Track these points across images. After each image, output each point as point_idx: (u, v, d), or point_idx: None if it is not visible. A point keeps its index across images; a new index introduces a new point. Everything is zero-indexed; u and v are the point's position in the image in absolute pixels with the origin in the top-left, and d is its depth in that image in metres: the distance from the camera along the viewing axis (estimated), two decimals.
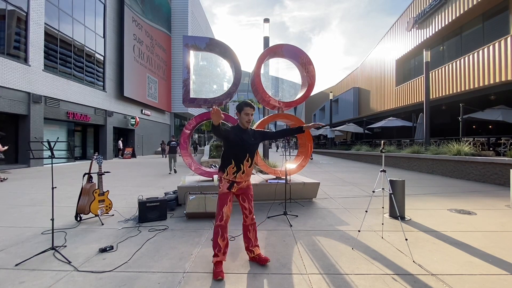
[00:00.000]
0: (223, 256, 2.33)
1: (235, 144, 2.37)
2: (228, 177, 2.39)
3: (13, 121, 11.69)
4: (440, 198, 5.25)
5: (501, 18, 11.23)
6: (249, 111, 2.39)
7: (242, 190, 2.50)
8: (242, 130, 2.43)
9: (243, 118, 2.40)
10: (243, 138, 2.39)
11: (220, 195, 2.42)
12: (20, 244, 2.93)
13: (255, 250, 2.49)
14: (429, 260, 2.50)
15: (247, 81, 19.51)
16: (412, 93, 15.94)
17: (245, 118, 2.39)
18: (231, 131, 2.39)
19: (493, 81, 10.45)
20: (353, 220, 3.81)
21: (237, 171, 2.38)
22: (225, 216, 2.37)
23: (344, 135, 27.62)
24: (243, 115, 2.39)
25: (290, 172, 4.82)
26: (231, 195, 2.44)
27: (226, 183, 2.40)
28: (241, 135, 2.39)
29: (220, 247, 2.30)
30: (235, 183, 2.41)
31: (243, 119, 2.39)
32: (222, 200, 2.40)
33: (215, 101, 5.05)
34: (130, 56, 19.81)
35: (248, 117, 2.40)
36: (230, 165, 2.37)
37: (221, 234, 2.33)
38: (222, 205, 2.38)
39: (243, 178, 2.43)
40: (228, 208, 2.40)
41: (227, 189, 2.40)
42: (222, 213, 2.36)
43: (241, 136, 2.39)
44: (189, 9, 29.36)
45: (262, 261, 2.43)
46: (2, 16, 10.60)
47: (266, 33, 7.14)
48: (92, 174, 3.93)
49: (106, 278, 2.20)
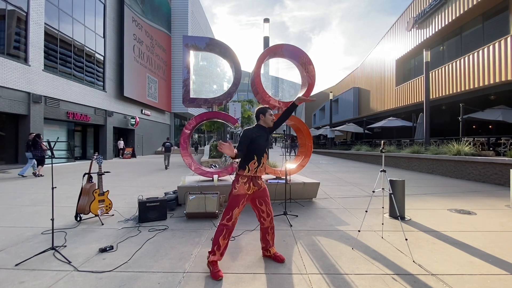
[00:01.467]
0: (220, 257, 2.32)
1: (256, 140, 2.46)
2: (249, 173, 2.40)
3: (13, 121, 11.69)
4: (440, 198, 5.25)
5: (501, 18, 11.23)
6: (272, 112, 2.66)
7: (259, 193, 2.51)
8: (263, 129, 2.60)
9: (268, 118, 2.59)
10: (263, 136, 2.54)
11: (234, 196, 2.40)
12: (20, 244, 2.93)
13: (271, 249, 2.56)
14: (429, 260, 2.50)
15: (247, 81, 19.51)
16: (412, 93, 15.94)
17: (270, 118, 2.59)
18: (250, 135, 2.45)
19: (493, 81, 10.45)
20: (353, 220, 3.81)
21: (259, 165, 2.44)
22: (233, 218, 2.36)
23: (344, 135, 27.61)
24: (268, 116, 2.59)
25: (290, 172, 4.82)
26: (246, 198, 2.43)
27: (243, 184, 2.40)
28: (262, 133, 2.55)
29: (219, 246, 2.30)
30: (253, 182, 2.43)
31: (269, 119, 2.59)
32: (234, 201, 2.38)
33: (215, 101, 5.05)
34: (130, 56, 19.80)
35: (272, 116, 2.63)
36: (252, 160, 2.41)
37: (224, 234, 2.32)
38: (234, 206, 2.36)
39: (262, 172, 2.49)
40: (239, 211, 2.39)
41: (244, 191, 2.39)
42: (232, 214, 2.35)
43: (262, 134, 2.54)
44: (189, 9, 29.36)
45: (278, 260, 2.48)
46: (2, 16, 10.59)
47: (266, 33, 7.13)
48: (92, 174, 3.93)
49: (106, 278, 2.20)
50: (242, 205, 2.40)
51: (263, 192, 2.53)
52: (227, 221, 2.35)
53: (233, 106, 13.06)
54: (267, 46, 6.72)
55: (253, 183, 2.44)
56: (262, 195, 2.51)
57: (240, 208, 2.39)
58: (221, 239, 2.30)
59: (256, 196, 2.50)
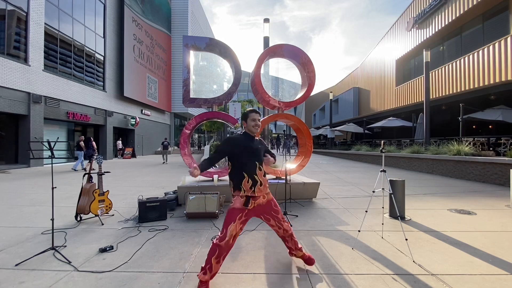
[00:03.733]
0: (210, 278, 2.01)
1: (240, 154, 2.13)
2: (246, 194, 2.10)
3: (13, 121, 11.69)
4: (440, 198, 5.25)
5: (501, 18, 11.24)
6: (255, 116, 2.23)
7: (262, 208, 2.19)
8: (249, 138, 2.24)
9: (249, 124, 2.22)
10: (248, 145, 2.17)
11: (230, 210, 2.10)
12: (20, 244, 2.93)
13: (297, 253, 2.40)
14: (429, 260, 2.50)
15: (247, 81, 19.52)
16: (412, 93, 15.94)
17: (251, 124, 2.22)
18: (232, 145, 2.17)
19: (493, 81, 10.45)
20: (353, 220, 3.81)
21: (254, 184, 2.10)
22: (228, 236, 1.99)
23: (344, 135, 27.62)
24: (249, 121, 2.22)
25: (290, 172, 4.82)
26: (244, 213, 2.09)
27: (240, 198, 2.10)
28: (247, 143, 2.18)
29: (211, 266, 1.97)
30: (251, 198, 2.11)
31: (250, 124, 2.22)
32: (229, 216, 2.06)
33: (215, 101, 5.05)
34: (130, 56, 19.80)
35: (255, 122, 2.22)
36: (244, 179, 2.08)
37: (217, 255, 1.98)
38: (229, 222, 2.03)
39: (263, 191, 2.16)
40: (235, 227, 2.02)
41: (241, 204, 2.08)
42: (226, 232, 2.00)
43: (247, 144, 2.18)
44: (189, 9, 29.36)
45: (309, 263, 2.37)
46: (2, 16, 10.59)
47: (266, 33, 7.14)
48: (92, 174, 3.93)
49: (106, 278, 2.20)
50: (239, 220, 2.05)
51: (267, 206, 2.22)
52: (220, 240, 1.99)
53: (233, 106, 13.06)
54: (267, 46, 6.72)
55: (252, 199, 2.13)
56: (266, 209, 2.21)
57: (237, 225, 2.04)
58: (213, 260, 1.97)
59: (260, 212, 2.21)
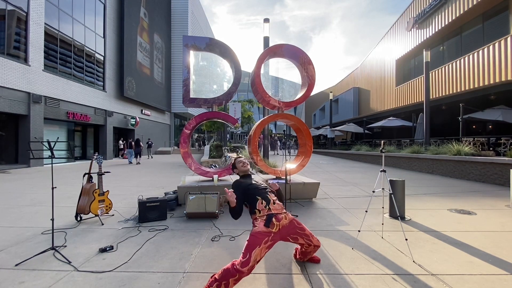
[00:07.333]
0: None
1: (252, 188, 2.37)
2: (262, 214, 2.15)
3: (13, 121, 11.69)
4: (440, 198, 5.25)
5: (501, 18, 11.23)
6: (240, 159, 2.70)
7: (286, 230, 2.14)
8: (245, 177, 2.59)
9: (240, 168, 2.65)
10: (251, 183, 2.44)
11: (254, 233, 2.02)
12: (20, 244, 2.93)
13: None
14: (429, 260, 2.50)
15: (247, 81, 19.54)
16: (412, 93, 15.94)
17: (241, 167, 2.65)
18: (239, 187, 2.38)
19: (493, 81, 10.44)
20: (353, 220, 3.81)
21: (267, 203, 2.22)
22: (252, 262, 1.85)
23: (344, 135, 27.60)
24: (239, 166, 2.65)
25: (290, 172, 4.82)
26: (270, 237, 2.03)
27: (262, 220, 2.10)
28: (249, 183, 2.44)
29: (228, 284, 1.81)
30: (273, 217, 2.11)
31: (240, 168, 2.65)
32: (253, 240, 1.96)
33: (215, 101, 5.05)
34: (130, 56, 19.80)
35: (242, 163, 2.66)
36: (257, 201, 2.23)
37: (236, 279, 1.82)
38: (253, 246, 1.91)
39: (278, 209, 2.22)
40: (260, 251, 1.93)
41: (263, 225, 2.06)
42: (250, 257, 1.85)
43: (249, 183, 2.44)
44: (189, 9, 29.37)
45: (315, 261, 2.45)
46: (2, 16, 10.60)
47: (266, 33, 7.14)
48: (92, 174, 3.93)
49: (106, 278, 2.20)
50: (266, 246, 1.98)
51: (290, 226, 2.18)
52: (242, 266, 1.81)
53: (233, 106, 13.05)
54: (267, 46, 6.73)
55: (275, 219, 2.11)
56: (290, 230, 2.17)
57: (263, 249, 1.95)
58: (232, 280, 1.82)
59: (285, 234, 2.15)
